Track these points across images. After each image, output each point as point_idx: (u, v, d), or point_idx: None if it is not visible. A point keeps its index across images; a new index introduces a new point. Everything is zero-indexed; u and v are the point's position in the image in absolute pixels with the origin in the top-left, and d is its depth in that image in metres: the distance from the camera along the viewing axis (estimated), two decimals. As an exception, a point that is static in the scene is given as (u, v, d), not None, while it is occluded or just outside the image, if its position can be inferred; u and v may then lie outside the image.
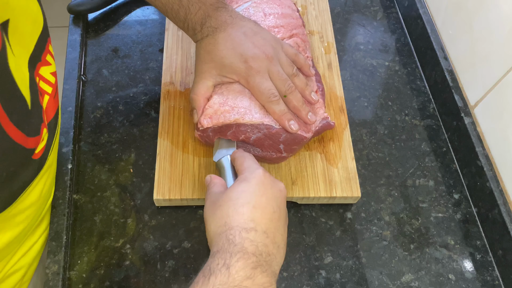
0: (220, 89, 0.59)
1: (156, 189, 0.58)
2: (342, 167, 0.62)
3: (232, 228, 0.44)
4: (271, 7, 0.66)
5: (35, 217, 0.54)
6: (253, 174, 0.48)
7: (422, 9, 0.77)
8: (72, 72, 0.70)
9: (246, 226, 0.44)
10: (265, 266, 0.42)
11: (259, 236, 0.44)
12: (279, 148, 0.57)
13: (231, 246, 0.42)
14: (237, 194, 0.46)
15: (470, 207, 0.64)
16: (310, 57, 0.66)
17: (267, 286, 0.41)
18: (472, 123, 0.66)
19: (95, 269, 0.57)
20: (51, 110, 0.50)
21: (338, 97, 0.68)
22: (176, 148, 0.62)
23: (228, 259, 0.41)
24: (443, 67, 0.71)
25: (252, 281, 0.40)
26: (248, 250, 0.42)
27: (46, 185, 0.55)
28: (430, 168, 0.67)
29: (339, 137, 0.64)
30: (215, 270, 0.40)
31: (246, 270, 0.40)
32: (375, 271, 0.59)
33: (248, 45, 0.57)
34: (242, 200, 0.46)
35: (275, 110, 0.57)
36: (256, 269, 0.41)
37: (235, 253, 0.41)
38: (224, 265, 0.41)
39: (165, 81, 0.67)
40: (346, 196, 0.60)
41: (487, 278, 0.59)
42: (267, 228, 0.45)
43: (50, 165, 0.55)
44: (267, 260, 0.43)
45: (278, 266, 0.45)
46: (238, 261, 0.41)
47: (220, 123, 0.57)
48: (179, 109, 0.65)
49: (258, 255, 0.42)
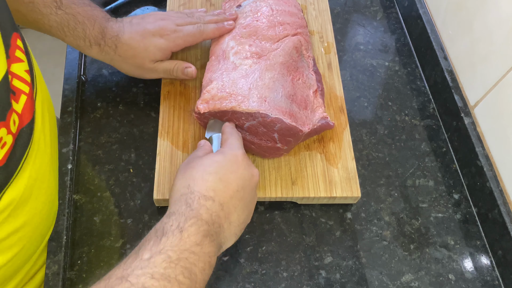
0: (221, 75, 0.59)
1: (156, 189, 0.58)
2: (342, 167, 0.62)
3: (193, 193, 0.45)
4: (278, 4, 0.66)
5: (31, 239, 0.52)
6: (232, 151, 0.50)
7: (422, 9, 0.77)
8: (72, 72, 0.70)
9: (206, 194, 0.45)
10: (213, 236, 0.44)
11: (215, 207, 0.45)
12: (273, 137, 0.58)
13: (187, 209, 0.44)
14: (209, 163, 0.48)
15: (470, 207, 0.65)
16: (312, 56, 0.66)
17: (211, 256, 0.43)
18: (472, 123, 0.66)
19: (95, 269, 0.57)
20: (28, 113, 0.48)
21: (338, 97, 0.68)
22: (176, 148, 0.62)
23: (182, 222, 0.43)
24: (443, 67, 0.71)
25: (200, 248, 0.42)
26: (203, 217, 0.44)
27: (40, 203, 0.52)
28: (430, 168, 0.67)
29: (339, 137, 0.64)
30: (167, 231, 0.42)
31: (197, 237, 0.42)
32: (375, 271, 0.59)
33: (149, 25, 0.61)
34: (211, 169, 0.47)
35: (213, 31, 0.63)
36: (206, 237, 0.43)
37: (190, 218, 0.43)
38: (177, 228, 0.42)
39: (165, 81, 0.67)
40: (346, 196, 0.60)
41: (487, 278, 0.59)
42: (225, 202, 0.46)
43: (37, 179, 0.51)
44: (217, 231, 0.45)
45: (224, 240, 0.47)
46: (192, 226, 0.42)
47: (217, 109, 0.57)
48: (179, 109, 0.65)
49: (210, 224, 0.44)
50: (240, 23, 0.65)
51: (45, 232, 0.56)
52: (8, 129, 0.43)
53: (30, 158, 0.49)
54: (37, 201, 0.52)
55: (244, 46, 0.62)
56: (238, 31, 0.64)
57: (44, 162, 0.54)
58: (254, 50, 0.61)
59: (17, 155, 0.46)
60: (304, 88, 0.62)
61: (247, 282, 0.57)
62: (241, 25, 0.64)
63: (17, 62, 0.47)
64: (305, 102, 0.61)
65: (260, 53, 0.61)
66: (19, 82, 0.47)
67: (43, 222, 0.55)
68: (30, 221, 0.51)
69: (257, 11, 0.65)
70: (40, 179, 0.52)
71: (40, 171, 0.52)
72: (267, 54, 0.61)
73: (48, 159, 0.55)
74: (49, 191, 0.55)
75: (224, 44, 0.63)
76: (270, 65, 0.60)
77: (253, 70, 0.59)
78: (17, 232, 0.49)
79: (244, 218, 0.49)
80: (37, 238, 0.54)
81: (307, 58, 0.66)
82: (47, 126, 0.56)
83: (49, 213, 0.56)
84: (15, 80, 0.46)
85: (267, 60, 0.60)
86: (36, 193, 0.51)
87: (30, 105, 0.49)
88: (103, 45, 0.60)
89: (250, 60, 0.60)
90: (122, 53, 0.61)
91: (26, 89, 0.48)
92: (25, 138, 0.48)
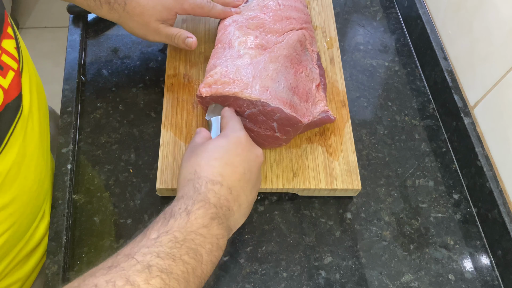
0: (225, 61, 0.60)
1: (159, 178, 0.59)
2: (343, 160, 0.62)
3: (200, 178, 0.46)
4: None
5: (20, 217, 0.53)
6: (235, 133, 0.51)
7: (421, 10, 0.77)
8: (72, 72, 0.70)
9: (213, 179, 0.46)
10: (222, 219, 0.44)
11: (223, 190, 0.46)
12: (272, 126, 0.58)
13: (195, 194, 0.44)
14: (214, 148, 0.48)
15: (470, 207, 0.65)
16: (317, 51, 0.67)
17: (219, 238, 0.43)
18: (471, 123, 0.66)
19: (95, 269, 0.57)
20: (14, 89, 0.49)
21: (340, 91, 0.68)
22: (179, 139, 0.62)
23: (190, 205, 0.43)
24: (443, 67, 0.71)
25: (207, 230, 0.42)
26: (211, 200, 0.44)
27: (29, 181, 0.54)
28: (430, 168, 0.67)
29: (340, 130, 0.65)
30: (175, 214, 0.42)
31: (204, 219, 0.43)
32: (374, 271, 0.59)
33: None
34: (217, 154, 0.48)
35: (219, 11, 0.65)
36: (214, 220, 0.43)
37: (198, 201, 0.44)
38: (185, 210, 0.43)
39: (169, 73, 0.68)
40: (347, 188, 0.60)
41: (487, 278, 0.59)
42: (233, 185, 0.47)
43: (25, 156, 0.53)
44: (226, 214, 0.45)
45: (234, 223, 0.47)
46: (199, 209, 0.43)
47: (219, 93, 0.57)
48: (182, 101, 0.65)
49: (218, 207, 0.44)
50: (247, 15, 0.66)
51: (36, 211, 0.57)
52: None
53: (18, 134, 0.50)
54: (26, 179, 0.53)
55: (250, 37, 0.63)
56: (245, 22, 0.65)
57: (33, 141, 0.54)
58: (259, 42, 0.62)
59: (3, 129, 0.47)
60: (307, 81, 0.63)
61: (247, 282, 0.57)
62: (248, 16, 0.65)
63: (8, 39, 0.48)
64: (307, 95, 0.62)
65: (265, 45, 0.62)
66: (8, 58, 0.48)
67: (32, 201, 0.56)
68: (20, 198, 0.52)
69: (265, 5, 0.66)
70: (29, 156, 0.53)
71: (29, 149, 0.53)
72: (272, 47, 0.62)
73: (37, 137, 0.56)
74: (38, 169, 0.56)
75: (231, 33, 0.64)
76: (274, 57, 0.60)
77: (257, 60, 0.60)
78: (7, 207, 0.50)
79: (252, 198, 0.50)
80: (28, 216, 0.56)
81: (311, 52, 0.67)
82: (35, 104, 0.56)
83: (39, 191, 0.57)
84: (4, 56, 0.47)
85: (271, 52, 0.61)
86: (24, 170, 0.52)
87: (17, 81, 0.49)
88: (113, 3, 0.60)
89: (255, 50, 0.61)
90: (130, 10, 0.61)
91: (15, 65, 0.49)
92: (11, 113, 0.48)
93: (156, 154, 0.64)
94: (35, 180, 0.56)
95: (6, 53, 0.47)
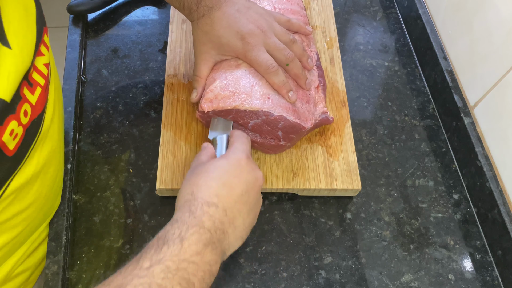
0: (224, 73, 0.59)
1: (158, 179, 0.59)
2: (343, 159, 0.62)
3: (196, 199, 0.45)
4: (281, 2, 0.67)
5: (35, 219, 0.54)
6: (236, 155, 0.50)
7: (421, 9, 0.77)
8: (72, 72, 0.70)
9: (209, 200, 0.45)
10: (216, 244, 0.44)
11: (219, 213, 0.45)
12: (277, 135, 0.58)
13: (190, 217, 0.44)
14: (213, 168, 0.48)
15: (470, 207, 0.65)
16: (316, 51, 0.67)
17: (212, 264, 0.43)
18: (471, 123, 0.66)
19: (95, 269, 0.57)
20: (40, 104, 0.49)
21: (340, 91, 0.68)
22: (179, 139, 0.62)
23: (184, 231, 0.43)
24: (443, 67, 0.71)
25: (200, 257, 0.42)
26: (205, 224, 0.44)
27: (45, 186, 0.54)
28: (430, 168, 0.67)
29: (340, 130, 0.65)
30: (169, 240, 0.42)
31: (198, 246, 0.42)
32: (374, 271, 0.59)
33: (243, 22, 0.59)
34: (215, 174, 0.47)
35: (275, 81, 0.58)
36: (207, 246, 0.43)
37: (192, 226, 0.43)
38: (178, 236, 0.42)
39: (169, 74, 0.68)
40: (347, 188, 0.60)
41: (487, 278, 0.59)
42: (229, 207, 0.46)
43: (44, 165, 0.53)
44: (220, 238, 0.45)
45: (228, 246, 0.46)
46: (193, 234, 0.42)
47: (221, 107, 0.57)
48: (182, 101, 0.65)
49: (213, 231, 0.44)
50: None
51: (49, 211, 0.57)
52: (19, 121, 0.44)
53: (38, 146, 0.50)
54: (43, 184, 0.53)
55: None
56: None
57: (52, 148, 0.54)
58: None
59: (27, 145, 0.47)
60: None
61: (247, 282, 0.57)
62: None
63: (40, 56, 0.48)
64: (307, 97, 0.62)
65: None
66: (37, 75, 0.48)
67: (48, 203, 0.56)
68: (35, 202, 0.52)
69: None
70: (47, 164, 0.53)
71: (48, 157, 0.53)
72: None
73: (56, 144, 0.56)
74: (55, 173, 0.56)
75: None
76: None
77: None
78: (22, 212, 0.50)
79: (249, 222, 0.49)
80: (41, 218, 0.55)
81: (309, 53, 0.66)
82: (57, 112, 0.56)
83: (56, 192, 0.57)
84: (34, 73, 0.47)
85: None
86: (42, 177, 0.52)
87: (43, 97, 0.49)
88: (194, 10, 0.59)
89: None
90: (201, 24, 0.59)
91: (42, 81, 0.49)
92: (35, 128, 0.48)
93: (156, 154, 0.64)
94: (51, 185, 0.55)
95: (36, 70, 0.47)
